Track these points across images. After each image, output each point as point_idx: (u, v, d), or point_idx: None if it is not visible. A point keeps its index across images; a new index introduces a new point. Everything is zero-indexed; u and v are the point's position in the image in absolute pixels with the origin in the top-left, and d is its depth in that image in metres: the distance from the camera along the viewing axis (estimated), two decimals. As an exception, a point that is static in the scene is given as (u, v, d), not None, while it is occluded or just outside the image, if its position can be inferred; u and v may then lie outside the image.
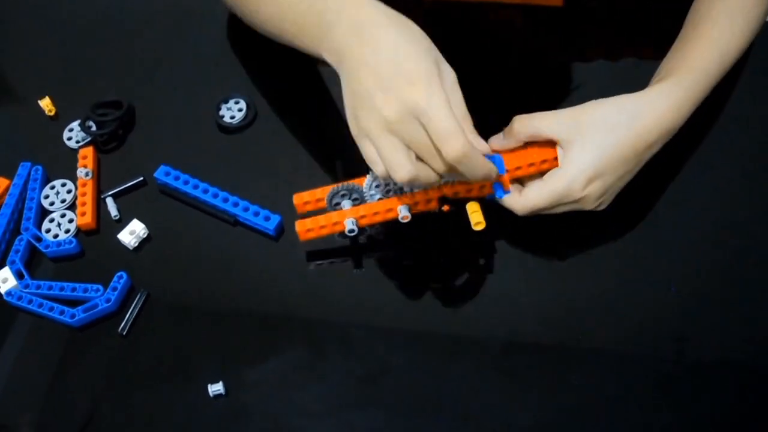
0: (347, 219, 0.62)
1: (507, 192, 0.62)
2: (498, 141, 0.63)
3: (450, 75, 0.57)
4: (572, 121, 0.60)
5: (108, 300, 0.64)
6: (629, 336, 0.62)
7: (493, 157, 0.61)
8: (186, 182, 0.70)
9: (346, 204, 0.64)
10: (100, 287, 0.65)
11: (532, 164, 0.62)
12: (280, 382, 0.61)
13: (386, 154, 0.55)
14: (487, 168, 0.57)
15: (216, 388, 0.60)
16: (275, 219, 0.67)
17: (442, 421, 0.59)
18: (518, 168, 0.62)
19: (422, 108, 0.53)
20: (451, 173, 0.56)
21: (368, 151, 0.56)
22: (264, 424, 0.60)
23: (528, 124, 0.61)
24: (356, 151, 0.58)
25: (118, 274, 0.66)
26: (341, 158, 0.60)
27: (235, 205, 0.68)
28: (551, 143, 0.61)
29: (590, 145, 0.59)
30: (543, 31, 0.81)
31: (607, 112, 0.60)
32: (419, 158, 0.55)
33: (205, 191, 0.69)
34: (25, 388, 0.63)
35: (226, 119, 0.75)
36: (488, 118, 0.61)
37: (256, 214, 0.67)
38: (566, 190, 0.60)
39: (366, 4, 0.59)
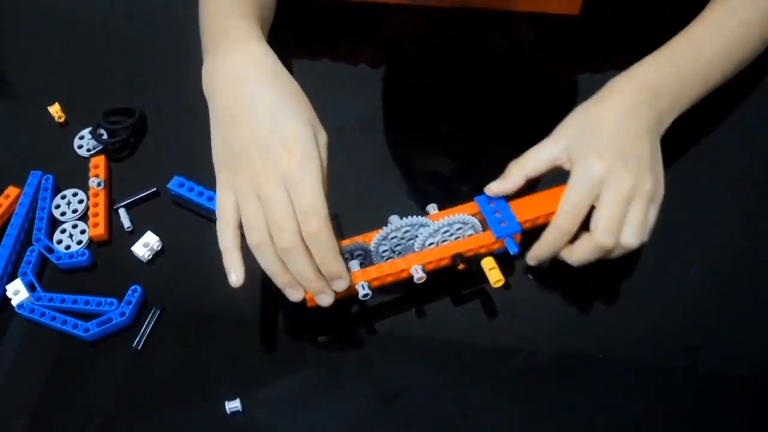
0: (359, 284, 0.59)
1: (518, 247, 0.61)
2: (500, 187, 0.62)
3: (323, 138, 0.58)
4: (563, 143, 0.60)
5: (122, 314, 0.64)
6: (647, 350, 0.62)
7: (503, 212, 0.61)
8: (200, 194, 0.69)
9: (354, 265, 0.60)
10: (114, 300, 0.65)
11: (539, 217, 0.62)
12: (297, 401, 0.60)
13: (249, 214, 0.56)
14: (337, 269, 0.56)
15: (233, 405, 0.60)
16: (291, 233, 0.66)
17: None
18: (527, 221, 0.62)
19: (294, 179, 0.54)
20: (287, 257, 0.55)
21: (225, 201, 0.57)
22: (281, 442, 0.60)
23: (524, 165, 0.61)
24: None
25: (133, 287, 0.65)
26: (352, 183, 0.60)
27: (251, 218, 0.67)
28: (557, 190, 0.60)
29: (588, 153, 0.59)
30: (557, 40, 0.80)
31: (580, 122, 0.61)
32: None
33: (220, 203, 0.68)
34: (36, 403, 0.62)
35: (240, 129, 0.74)
36: (500, 130, 0.61)
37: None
38: (584, 196, 0.58)
39: (249, 42, 0.60)
